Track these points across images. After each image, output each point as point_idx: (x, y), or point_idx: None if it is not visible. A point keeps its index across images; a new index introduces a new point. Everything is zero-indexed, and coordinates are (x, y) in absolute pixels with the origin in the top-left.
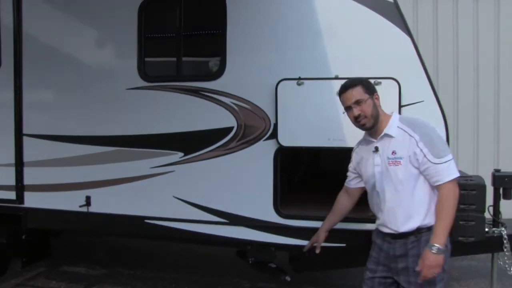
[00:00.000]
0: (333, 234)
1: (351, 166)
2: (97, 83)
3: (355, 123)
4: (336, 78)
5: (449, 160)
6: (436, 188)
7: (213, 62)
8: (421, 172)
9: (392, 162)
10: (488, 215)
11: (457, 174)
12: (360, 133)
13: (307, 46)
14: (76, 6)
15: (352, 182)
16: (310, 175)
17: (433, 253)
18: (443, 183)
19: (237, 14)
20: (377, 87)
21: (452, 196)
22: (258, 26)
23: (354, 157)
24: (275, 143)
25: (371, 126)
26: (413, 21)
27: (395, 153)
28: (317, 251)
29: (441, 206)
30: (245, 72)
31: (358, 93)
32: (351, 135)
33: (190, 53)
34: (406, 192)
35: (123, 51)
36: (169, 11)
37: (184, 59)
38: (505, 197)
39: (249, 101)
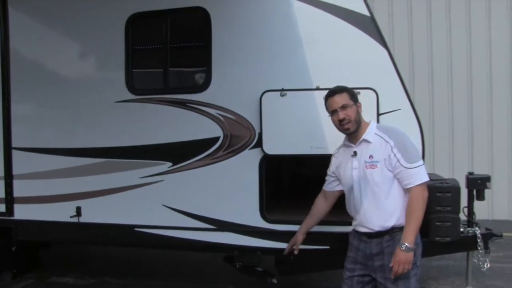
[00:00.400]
0: (317, 237)
1: (330, 170)
2: (86, 96)
3: (339, 127)
4: (318, 89)
5: (419, 166)
6: (406, 190)
7: (199, 75)
8: (394, 176)
9: (369, 165)
10: (463, 216)
11: (426, 179)
12: (338, 142)
13: (289, 58)
14: (63, 22)
15: (330, 186)
16: (295, 181)
17: (403, 250)
18: (413, 186)
19: (222, 28)
20: None
21: (421, 199)
22: (242, 39)
23: (334, 161)
24: (260, 152)
25: (354, 130)
26: (389, 33)
27: (372, 157)
28: (296, 252)
29: (411, 208)
30: (230, 84)
31: (344, 99)
32: (331, 143)
33: (177, 67)
34: (382, 194)
35: (111, 65)
36: (155, 25)
37: (171, 72)
38: (478, 198)
39: (234, 112)
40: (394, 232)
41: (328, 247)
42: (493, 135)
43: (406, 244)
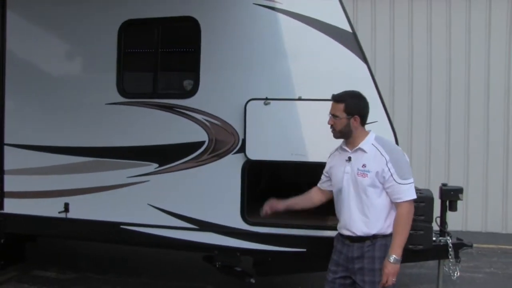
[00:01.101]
0: (294, 240)
1: (325, 170)
2: (78, 97)
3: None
4: (300, 99)
5: (411, 183)
6: (395, 204)
7: (187, 82)
8: (384, 188)
9: (360, 173)
10: (436, 226)
11: (414, 196)
12: (317, 150)
13: (274, 69)
14: (58, 25)
15: (324, 185)
16: (276, 185)
17: (392, 262)
18: (403, 201)
19: (210, 37)
20: None
21: (409, 214)
22: (230, 49)
23: (329, 161)
24: (243, 157)
25: (336, 137)
26: (371, 47)
27: (365, 166)
28: (266, 212)
29: (399, 222)
30: (217, 91)
31: (337, 109)
32: (311, 151)
33: (166, 72)
34: (368, 202)
35: (103, 69)
36: (147, 32)
37: (160, 77)
38: (451, 209)
39: (220, 118)
40: (376, 239)
41: (304, 250)
42: (469, 148)
43: (395, 256)
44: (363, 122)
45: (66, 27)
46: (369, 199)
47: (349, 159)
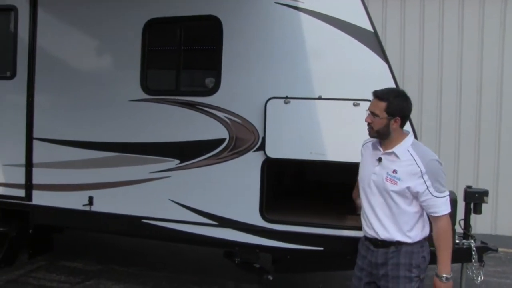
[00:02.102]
0: (311, 239)
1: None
2: (103, 94)
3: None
4: (320, 98)
5: (447, 196)
6: (431, 218)
7: (209, 79)
8: (418, 201)
9: (390, 179)
10: (459, 228)
11: (450, 209)
12: (336, 149)
13: (295, 68)
14: (86, 23)
15: None
16: (295, 184)
17: (444, 282)
18: (441, 216)
19: (232, 36)
20: (356, 108)
21: (449, 228)
22: (251, 48)
23: (363, 150)
24: (263, 155)
25: (372, 136)
26: (400, 46)
27: (396, 173)
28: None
29: (441, 238)
30: (238, 89)
31: (378, 108)
32: (330, 150)
33: (189, 70)
34: (396, 209)
35: (128, 66)
36: (170, 31)
37: (183, 75)
38: (476, 212)
39: (240, 116)
40: (400, 245)
41: (322, 248)
42: (500, 150)
43: (445, 275)
44: (403, 124)
45: (93, 25)
46: (396, 205)
47: (380, 160)
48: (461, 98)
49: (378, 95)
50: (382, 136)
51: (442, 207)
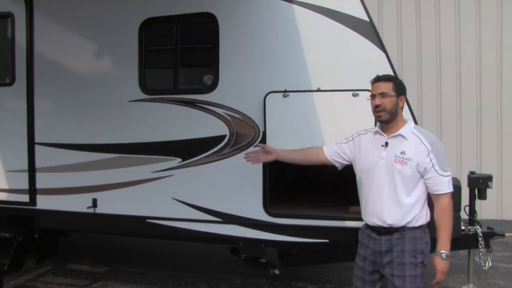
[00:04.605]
0: (316, 231)
1: (343, 147)
2: (102, 95)
3: (374, 113)
4: (318, 90)
5: (450, 176)
6: (434, 197)
7: (207, 77)
8: (423, 179)
9: (399, 160)
10: (465, 215)
11: (452, 189)
12: (335, 140)
13: (292, 61)
14: (82, 27)
15: (332, 155)
16: (298, 178)
17: (444, 259)
18: (444, 194)
19: (229, 32)
20: (355, 98)
21: (451, 206)
22: (248, 43)
23: (357, 141)
24: None
25: (386, 120)
26: (398, 36)
27: (404, 154)
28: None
29: (442, 216)
30: (237, 85)
31: (386, 87)
32: (331, 142)
33: (187, 68)
34: (404, 191)
35: (126, 67)
36: (166, 30)
37: (181, 73)
38: (480, 198)
39: (240, 112)
40: (404, 231)
41: (327, 240)
42: (502, 135)
43: (446, 252)
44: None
45: (89, 28)
46: (405, 187)
47: (386, 144)
48: (461, 84)
49: (382, 77)
50: (393, 116)
51: (446, 185)
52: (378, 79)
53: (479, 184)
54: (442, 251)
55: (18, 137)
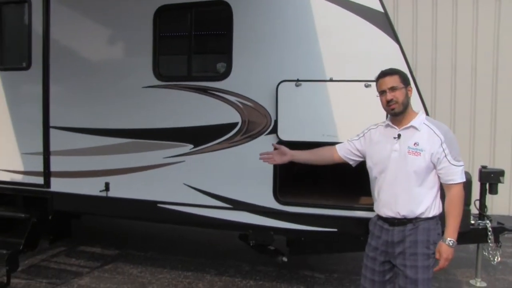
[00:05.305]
0: (325, 220)
1: (355, 143)
2: (117, 81)
3: (386, 107)
4: (331, 80)
5: (462, 165)
6: (446, 187)
7: (221, 64)
8: (436, 169)
9: (412, 151)
10: (475, 209)
11: (465, 179)
12: (348, 131)
13: (305, 50)
14: (97, 12)
15: (346, 154)
16: (308, 167)
17: (450, 246)
18: (456, 183)
19: (242, 20)
20: (367, 89)
21: (462, 196)
22: (261, 31)
23: (367, 136)
24: (275, 138)
25: (400, 111)
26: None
27: (417, 145)
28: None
29: (453, 205)
30: (249, 73)
31: (394, 81)
32: (343, 132)
33: (200, 56)
34: (417, 182)
35: (140, 54)
36: (181, 17)
37: (194, 61)
38: (491, 192)
39: (252, 100)
40: (418, 221)
41: (335, 230)
42: None
43: (452, 239)
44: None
45: (104, 14)
46: (418, 178)
47: (399, 136)
48: (476, 78)
49: (388, 72)
50: (405, 108)
51: (458, 175)
52: (383, 75)
53: (491, 179)
54: (450, 239)
55: (34, 120)
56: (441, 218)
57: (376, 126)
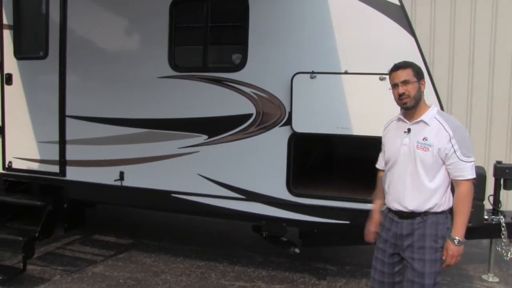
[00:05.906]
0: (337, 212)
1: (382, 148)
2: (132, 72)
3: (398, 101)
4: (346, 73)
5: (473, 161)
6: (455, 182)
7: (236, 56)
8: (445, 165)
9: (421, 146)
10: (489, 204)
11: (475, 176)
12: (362, 124)
13: (321, 43)
14: (114, 3)
15: (383, 166)
16: (322, 159)
17: (456, 244)
18: (465, 180)
19: (258, 12)
20: (382, 82)
21: (471, 193)
22: (277, 23)
23: (386, 132)
24: (289, 129)
25: (411, 106)
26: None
27: (426, 140)
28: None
29: (461, 202)
30: (265, 65)
31: (407, 74)
32: (356, 124)
33: (216, 47)
34: (426, 177)
35: (156, 44)
36: (197, 8)
37: (210, 52)
38: (506, 188)
39: (267, 91)
40: (427, 215)
41: (348, 222)
42: None
43: (458, 238)
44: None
45: (121, 4)
46: (427, 174)
47: (409, 130)
48: (494, 72)
49: (401, 65)
50: (417, 102)
51: (468, 171)
52: (396, 68)
53: (505, 174)
54: (456, 237)
55: (50, 109)
56: (451, 212)
57: (390, 122)
